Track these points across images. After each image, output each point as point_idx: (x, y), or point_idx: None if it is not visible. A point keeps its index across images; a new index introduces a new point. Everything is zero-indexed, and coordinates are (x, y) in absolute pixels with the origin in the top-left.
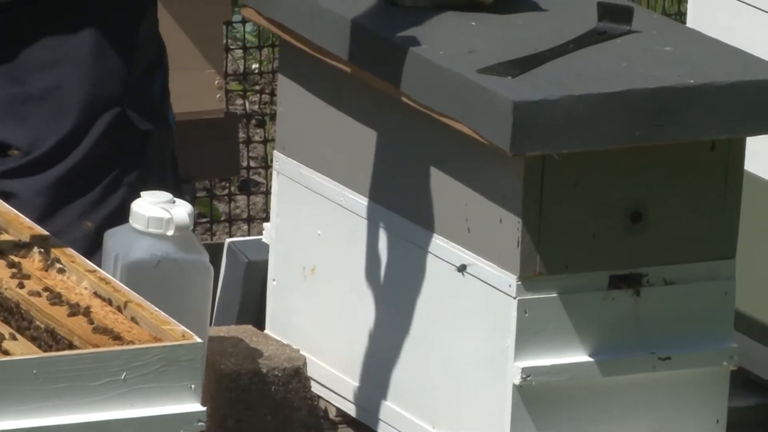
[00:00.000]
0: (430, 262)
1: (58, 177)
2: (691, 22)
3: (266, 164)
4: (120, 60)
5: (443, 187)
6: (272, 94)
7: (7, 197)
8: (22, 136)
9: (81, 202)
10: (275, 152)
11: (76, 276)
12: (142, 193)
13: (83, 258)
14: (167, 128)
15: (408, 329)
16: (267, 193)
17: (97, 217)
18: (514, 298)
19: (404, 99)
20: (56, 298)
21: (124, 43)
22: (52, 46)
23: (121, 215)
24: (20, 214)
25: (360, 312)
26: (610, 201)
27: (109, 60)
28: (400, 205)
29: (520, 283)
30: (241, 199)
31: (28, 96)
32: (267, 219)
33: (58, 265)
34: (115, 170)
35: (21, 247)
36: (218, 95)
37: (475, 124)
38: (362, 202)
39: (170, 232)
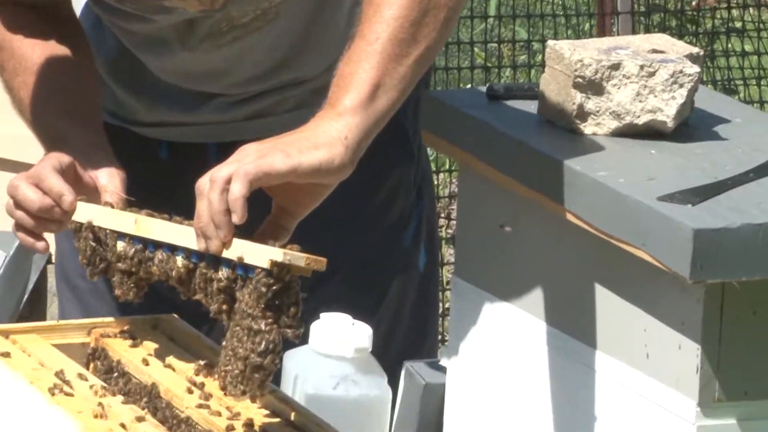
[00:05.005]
0: (608, 387)
1: None
2: None
3: None
4: None
5: (622, 312)
6: None
7: None
8: None
9: None
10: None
11: None
12: (321, 315)
13: None
14: None
15: None
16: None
17: None
18: (693, 424)
19: (583, 224)
20: (234, 417)
21: None
22: None
23: None
24: (200, 334)
25: None
26: None
27: None
28: (577, 329)
29: (699, 409)
30: None
31: None
32: None
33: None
34: None
35: (203, 368)
36: None
37: (655, 251)
38: (540, 326)
39: (349, 354)
